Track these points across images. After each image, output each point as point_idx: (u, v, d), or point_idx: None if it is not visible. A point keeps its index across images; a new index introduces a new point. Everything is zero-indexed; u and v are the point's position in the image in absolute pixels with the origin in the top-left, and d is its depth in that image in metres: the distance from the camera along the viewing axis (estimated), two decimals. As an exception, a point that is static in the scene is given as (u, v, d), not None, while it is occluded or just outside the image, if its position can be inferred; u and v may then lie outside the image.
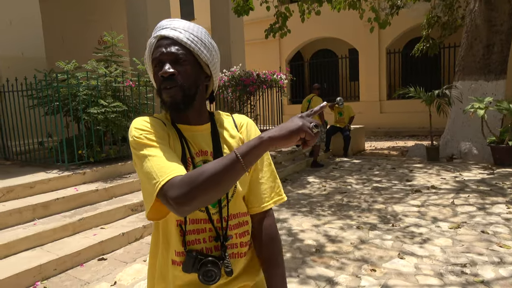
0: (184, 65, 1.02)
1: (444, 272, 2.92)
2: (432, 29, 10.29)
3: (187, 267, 1.03)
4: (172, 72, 1.00)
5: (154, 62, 1.05)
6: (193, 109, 1.07)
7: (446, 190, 5.27)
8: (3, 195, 3.86)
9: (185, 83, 1.02)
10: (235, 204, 1.10)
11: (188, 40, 1.02)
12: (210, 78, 1.11)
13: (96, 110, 4.75)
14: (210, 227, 1.07)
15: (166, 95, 1.02)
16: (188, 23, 1.07)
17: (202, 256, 1.03)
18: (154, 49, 1.05)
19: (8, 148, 5.39)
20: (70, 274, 3.18)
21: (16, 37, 5.46)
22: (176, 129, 1.08)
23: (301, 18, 8.29)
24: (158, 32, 1.05)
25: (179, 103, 1.03)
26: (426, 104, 7.60)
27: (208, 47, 1.06)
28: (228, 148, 1.11)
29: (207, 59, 1.05)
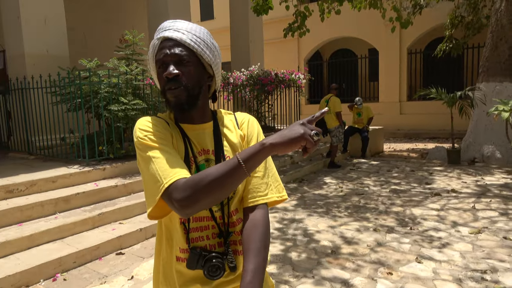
0: (188, 66, 1.04)
1: (463, 277, 2.85)
2: (456, 29, 10.06)
3: (191, 264, 1.05)
4: (177, 73, 1.02)
5: (158, 63, 1.06)
6: (197, 108, 1.09)
7: (467, 194, 5.15)
8: (26, 188, 3.98)
9: (189, 83, 1.04)
10: (234, 202, 1.12)
11: (191, 42, 1.04)
12: (212, 78, 1.13)
13: (117, 107, 4.84)
14: (213, 224, 1.09)
15: (171, 95, 1.04)
16: (191, 24, 1.08)
17: (206, 253, 1.05)
18: (157, 51, 1.07)
19: (31, 143, 5.55)
20: (89, 267, 3.26)
21: (42, 35, 5.61)
22: (179, 128, 1.10)
23: (321, 18, 8.23)
24: (161, 33, 1.06)
25: (183, 103, 1.05)
26: (448, 106, 7.43)
27: (211, 47, 1.08)
28: (229, 146, 1.13)
29: (210, 59, 1.07)
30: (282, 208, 4.82)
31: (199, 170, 1.07)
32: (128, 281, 2.98)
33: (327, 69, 15.73)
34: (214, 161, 1.10)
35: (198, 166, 1.08)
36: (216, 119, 1.16)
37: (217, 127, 1.13)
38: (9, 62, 5.95)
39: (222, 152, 1.11)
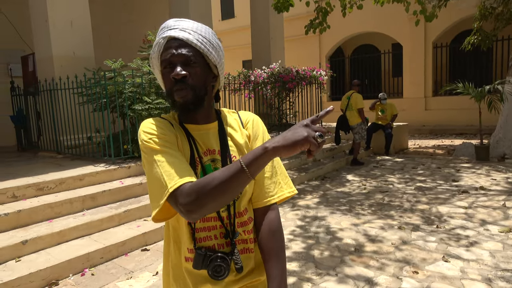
0: (195, 67, 1.03)
1: (493, 277, 2.76)
2: (486, 21, 9.69)
3: (196, 264, 1.05)
4: (184, 74, 1.01)
5: (163, 63, 1.05)
6: (202, 109, 1.08)
7: (496, 192, 4.97)
8: (55, 186, 4.12)
9: (196, 84, 1.04)
10: (241, 201, 1.11)
11: (197, 42, 1.03)
12: (216, 78, 1.12)
13: (141, 107, 4.94)
14: (220, 224, 1.09)
15: (178, 96, 1.03)
16: (196, 23, 1.07)
17: (211, 253, 1.05)
18: (163, 50, 1.05)
19: (60, 142, 5.73)
20: (115, 262, 3.34)
21: (68, 38, 5.79)
22: (184, 129, 1.10)
23: (342, 13, 8.11)
24: (166, 32, 1.04)
25: (190, 104, 1.04)
26: (476, 101, 7.20)
27: (216, 48, 1.07)
28: (235, 145, 1.13)
29: (215, 60, 1.06)
30: (304, 206, 4.80)
31: (205, 171, 1.08)
32: (153, 277, 3.04)
33: (349, 65, 15.50)
34: (220, 161, 1.09)
35: (204, 166, 1.08)
36: (221, 118, 1.15)
37: (222, 127, 1.13)
38: (38, 65, 6.17)
39: (228, 152, 1.10)
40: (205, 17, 7.77)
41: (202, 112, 1.10)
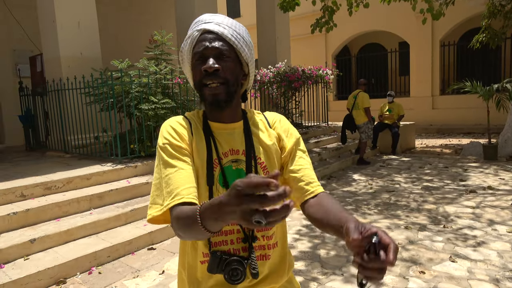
0: (228, 61, 1.01)
1: (501, 278, 2.74)
2: (495, 19, 9.58)
3: (211, 268, 1.02)
4: (217, 67, 0.99)
5: (196, 55, 1.02)
6: (231, 107, 1.05)
7: (504, 191, 4.92)
8: (63, 185, 4.16)
9: (228, 79, 1.01)
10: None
11: (232, 37, 1.01)
12: (247, 77, 1.10)
13: (147, 107, 4.97)
14: (238, 228, 1.05)
15: (209, 91, 1.01)
16: (231, 19, 1.05)
17: (226, 256, 1.01)
18: (196, 43, 1.02)
19: (67, 142, 5.78)
20: (122, 261, 3.37)
21: (76, 39, 5.84)
22: (207, 127, 1.07)
23: (349, 12, 8.07)
24: (201, 25, 1.03)
25: (221, 100, 1.01)
26: (484, 99, 7.13)
27: (249, 45, 1.05)
28: (261, 146, 1.09)
29: (247, 57, 1.04)
30: (310, 205, 4.79)
31: (224, 173, 1.04)
32: (159, 275, 3.06)
33: (356, 64, 15.43)
34: (245, 162, 1.05)
35: (222, 168, 1.04)
36: (247, 118, 1.12)
37: (247, 127, 1.09)
38: (46, 65, 6.23)
39: (253, 153, 1.06)
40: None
41: (229, 110, 1.06)
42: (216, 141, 1.06)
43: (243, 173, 1.05)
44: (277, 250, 1.12)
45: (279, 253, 1.13)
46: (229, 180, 1.04)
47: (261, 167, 1.07)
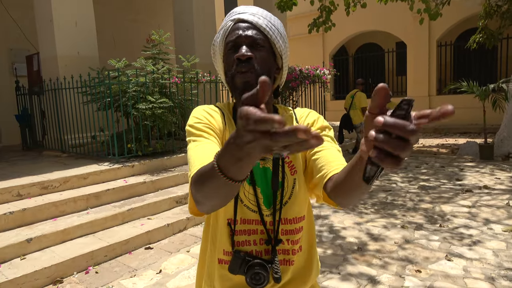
0: (261, 51, 0.97)
1: (496, 276, 2.76)
2: (491, 19, 9.63)
3: (233, 268, 0.98)
4: (250, 55, 0.95)
5: (228, 44, 0.99)
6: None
7: (500, 191, 4.95)
8: (60, 185, 4.15)
9: (261, 69, 0.96)
10: (292, 207, 1.01)
11: (266, 27, 0.98)
12: (280, 71, 1.05)
13: (144, 106, 4.96)
14: (262, 229, 1.01)
15: (241, 79, 0.95)
16: (265, 11, 1.02)
17: (250, 258, 0.98)
18: (229, 32, 1.00)
19: (64, 141, 5.77)
20: (119, 260, 3.37)
21: (73, 38, 5.82)
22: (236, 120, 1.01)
23: (346, 12, 8.09)
24: (235, 15, 1.01)
25: (253, 88, 0.92)
26: (480, 99, 7.16)
27: (283, 37, 1.02)
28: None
29: (281, 49, 1.01)
30: (307, 205, 4.80)
31: (251, 170, 0.99)
32: (156, 275, 3.06)
33: (353, 64, 15.46)
34: (272, 161, 1.00)
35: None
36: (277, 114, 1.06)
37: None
38: (42, 64, 6.21)
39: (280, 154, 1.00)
40: (208, 16, 7.78)
41: (259, 105, 1.00)
42: None
43: (270, 172, 1.01)
44: (302, 255, 1.07)
45: (304, 258, 1.08)
46: (256, 178, 1.00)
47: (288, 166, 1.02)
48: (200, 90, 6.16)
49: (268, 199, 1.01)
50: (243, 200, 1.00)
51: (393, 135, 0.47)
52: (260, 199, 1.00)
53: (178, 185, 4.89)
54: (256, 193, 1.00)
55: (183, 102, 5.72)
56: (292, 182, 1.01)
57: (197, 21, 7.49)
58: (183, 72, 5.68)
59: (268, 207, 1.01)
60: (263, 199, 1.00)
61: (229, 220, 1.01)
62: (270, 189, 1.00)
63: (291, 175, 1.02)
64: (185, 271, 3.09)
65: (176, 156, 5.37)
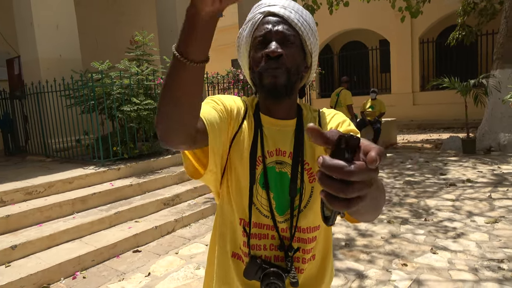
0: (292, 48, 0.91)
1: (479, 267, 2.83)
2: (469, 16, 9.85)
3: (249, 273, 0.95)
4: (280, 52, 0.88)
5: (257, 39, 0.92)
6: (287, 99, 0.94)
7: (482, 184, 5.07)
8: (44, 190, 4.09)
9: (290, 67, 0.91)
10: (306, 216, 0.96)
11: (298, 22, 0.91)
12: (308, 70, 0.99)
13: (129, 108, 4.92)
14: (273, 234, 0.96)
15: (269, 78, 0.90)
16: (297, 4, 0.95)
17: (266, 266, 0.94)
18: (258, 26, 0.92)
19: (48, 145, 5.68)
20: (107, 265, 3.34)
21: (54, 40, 5.73)
22: (257, 119, 0.96)
23: (329, 10, 8.17)
24: (265, 8, 0.93)
25: (281, 88, 0.90)
26: (462, 95, 7.31)
27: (315, 34, 0.95)
28: (311, 150, 0.96)
29: (312, 47, 0.95)
30: (295, 203, 4.83)
31: (266, 173, 0.94)
32: (145, 278, 3.05)
33: (338, 62, 15.59)
34: (291, 166, 0.94)
35: (266, 167, 0.94)
36: (301, 116, 0.99)
37: (300, 127, 0.97)
38: (24, 68, 6.10)
39: (301, 156, 0.95)
40: (192, 17, 7.75)
41: (285, 104, 0.96)
42: (264, 137, 0.95)
43: (287, 177, 0.95)
44: (314, 264, 1.03)
45: (316, 267, 1.03)
46: (270, 182, 0.94)
47: (308, 173, 0.96)
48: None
49: (282, 205, 0.96)
50: (256, 204, 0.95)
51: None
52: (273, 204, 0.96)
53: (166, 187, 4.87)
54: (270, 198, 0.95)
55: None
56: (310, 190, 0.96)
57: (181, 22, 7.44)
58: (168, 73, 5.65)
59: (281, 213, 0.96)
60: (276, 204, 0.96)
61: (242, 220, 0.97)
62: (285, 195, 0.95)
63: (309, 182, 0.96)
64: (174, 273, 3.08)
65: (163, 158, 5.34)
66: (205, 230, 4.06)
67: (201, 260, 3.27)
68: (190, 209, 4.40)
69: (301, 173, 0.95)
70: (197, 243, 3.70)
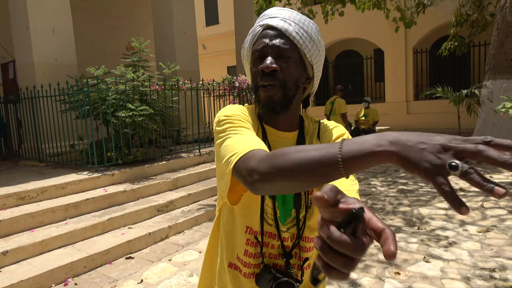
0: (288, 62, 0.91)
1: (472, 276, 2.84)
2: (461, 28, 10.02)
3: (261, 282, 0.95)
4: (275, 67, 0.89)
5: (255, 53, 0.94)
6: (287, 112, 0.95)
7: (475, 193, 5.12)
8: (37, 195, 4.06)
9: (286, 81, 0.91)
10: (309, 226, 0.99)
11: (297, 35, 0.91)
12: (311, 81, 1.00)
13: (124, 114, 4.92)
14: (276, 243, 0.99)
15: (264, 93, 0.92)
16: (300, 15, 0.95)
17: (280, 275, 0.95)
18: (257, 39, 0.94)
19: (42, 150, 5.65)
20: (99, 271, 3.31)
21: (50, 45, 5.72)
22: (263, 130, 0.98)
23: (324, 20, 8.26)
24: (265, 20, 0.94)
25: (276, 104, 0.92)
26: (455, 104, 7.41)
27: (317, 45, 0.94)
28: None
29: (312, 59, 0.94)
30: (289, 210, 4.84)
31: None
32: (137, 285, 3.03)
33: (333, 71, 15.72)
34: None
35: None
36: (303, 128, 1.01)
37: (301, 139, 0.99)
38: (19, 72, 6.08)
39: None
40: (189, 24, 7.80)
41: (285, 117, 0.97)
42: (271, 147, 0.97)
43: None
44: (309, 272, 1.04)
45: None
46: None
47: None
48: (181, 97, 6.15)
49: (284, 214, 0.98)
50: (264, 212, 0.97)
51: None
52: (277, 213, 0.98)
53: (159, 193, 4.85)
54: (275, 207, 0.97)
55: (164, 110, 5.70)
56: (310, 201, 0.98)
57: (177, 29, 7.49)
58: (164, 80, 5.67)
59: (283, 223, 0.98)
60: (280, 214, 0.98)
61: (249, 228, 0.97)
62: (286, 205, 0.97)
63: (309, 193, 0.98)
64: (167, 280, 3.06)
65: (158, 164, 5.34)
66: (199, 237, 4.04)
67: (195, 267, 3.25)
68: (184, 216, 4.39)
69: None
70: (191, 250, 3.68)
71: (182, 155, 6.00)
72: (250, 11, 9.49)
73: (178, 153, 6.12)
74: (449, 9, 10.61)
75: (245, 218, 0.98)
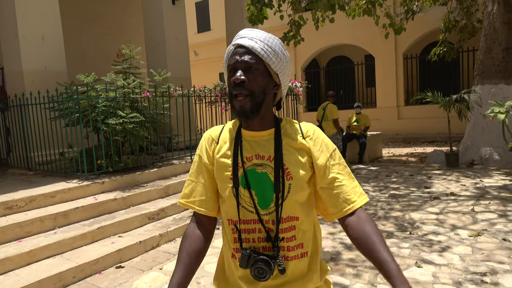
0: (255, 74, 1.09)
1: (463, 280, 2.85)
2: (450, 33, 10.15)
3: (242, 263, 1.11)
4: (243, 79, 1.08)
5: (228, 68, 1.13)
6: (259, 116, 1.13)
7: (465, 197, 5.15)
8: (25, 204, 3.99)
9: (254, 90, 1.09)
10: (286, 207, 1.13)
11: (261, 50, 1.09)
12: (279, 87, 1.17)
13: (115, 121, 4.88)
14: (260, 227, 1.14)
15: (237, 103, 1.10)
16: (265, 34, 1.13)
17: (255, 254, 1.10)
18: (230, 56, 1.14)
19: (31, 158, 5.57)
20: (88, 281, 3.26)
21: (40, 52, 5.67)
22: (238, 134, 1.18)
23: (315, 26, 8.32)
24: (236, 40, 1.13)
25: (247, 111, 1.10)
26: (444, 109, 7.47)
27: (280, 57, 1.13)
28: (289, 154, 1.14)
29: (277, 69, 1.12)
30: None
31: (246, 175, 1.13)
32: (128, 294, 2.98)
33: (324, 77, 15.82)
34: (273, 168, 1.12)
35: (245, 170, 1.14)
36: (279, 126, 1.18)
37: (278, 134, 1.16)
38: (7, 79, 6.01)
39: (281, 161, 1.12)
40: (180, 30, 7.79)
41: (258, 119, 1.14)
42: (243, 147, 1.16)
43: (267, 176, 1.13)
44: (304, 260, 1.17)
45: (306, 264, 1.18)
46: (251, 182, 1.13)
47: (285, 173, 1.13)
48: (172, 104, 6.12)
49: (263, 200, 1.13)
50: (241, 202, 1.14)
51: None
52: (255, 200, 1.13)
53: (151, 201, 4.81)
54: (252, 195, 1.13)
55: (155, 117, 5.67)
56: (288, 187, 1.13)
57: (169, 36, 7.48)
58: (155, 86, 5.64)
59: (263, 207, 1.13)
60: (258, 200, 1.13)
61: (230, 220, 1.18)
62: (265, 192, 1.13)
63: (286, 180, 1.13)
64: (158, 289, 3.02)
65: (149, 171, 5.29)
66: (191, 245, 4.00)
67: (186, 276, 3.21)
68: (175, 224, 4.35)
69: (282, 175, 1.12)
70: (182, 258, 3.64)
71: (174, 162, 5.96)
72: (241, 17, 9.52)
73: (169, 160, 6.08)
74: (438, 15, 10.76)
75: (225, 213, 1.19)
